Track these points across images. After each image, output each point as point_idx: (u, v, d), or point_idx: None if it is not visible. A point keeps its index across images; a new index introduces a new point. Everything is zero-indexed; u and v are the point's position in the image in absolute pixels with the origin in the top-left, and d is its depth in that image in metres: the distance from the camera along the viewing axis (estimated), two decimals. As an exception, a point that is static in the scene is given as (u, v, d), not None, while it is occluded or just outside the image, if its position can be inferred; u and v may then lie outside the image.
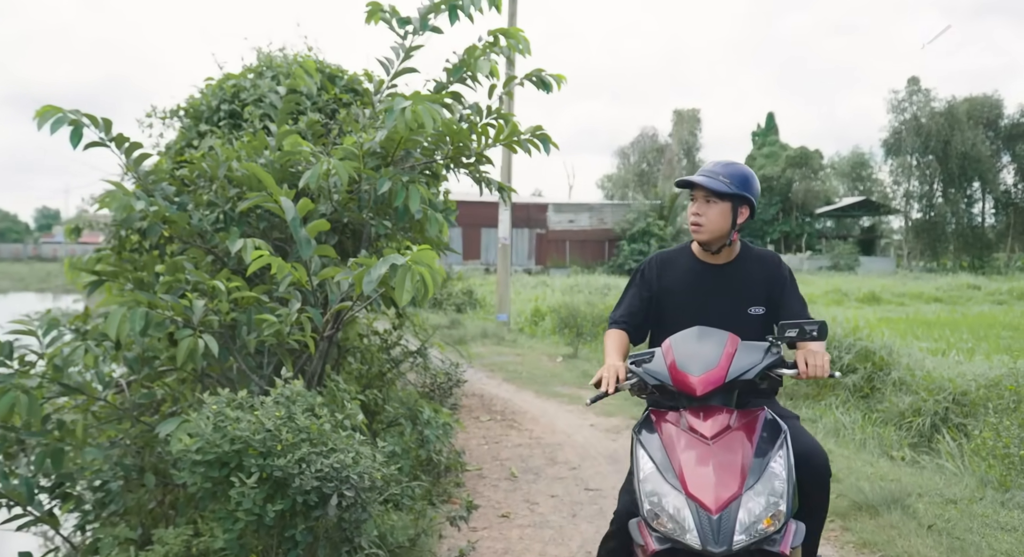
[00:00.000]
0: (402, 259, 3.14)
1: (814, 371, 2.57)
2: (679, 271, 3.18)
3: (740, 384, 2.55)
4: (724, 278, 3.11)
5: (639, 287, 3.23)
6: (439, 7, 4.76)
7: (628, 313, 3.19)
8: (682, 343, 2.66)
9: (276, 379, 3.35)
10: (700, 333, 2.68)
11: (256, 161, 4.28)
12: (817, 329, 2.54)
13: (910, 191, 56.61)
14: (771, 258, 3.19)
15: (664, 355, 2.65)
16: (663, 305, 3.17)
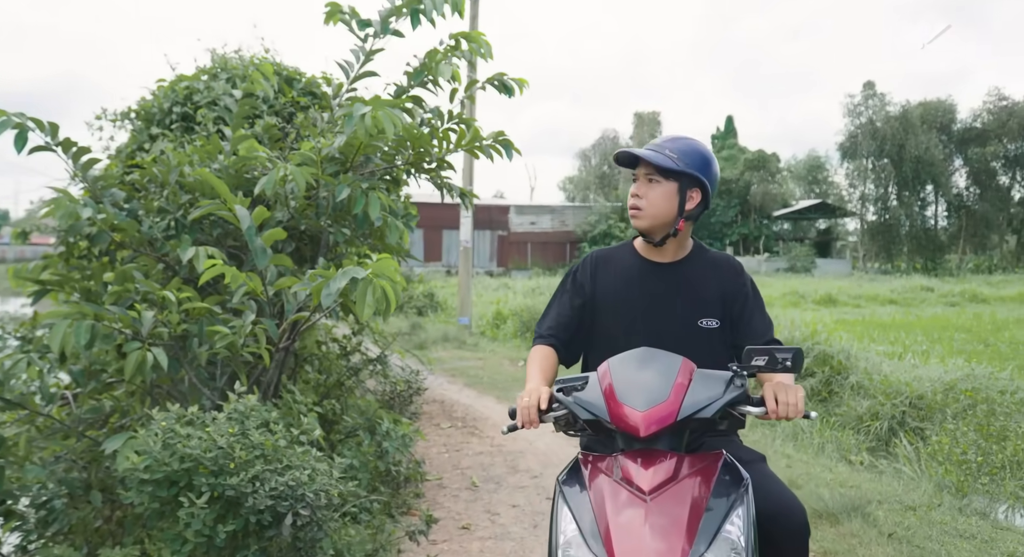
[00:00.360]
0: (363, 272, 3.05)
1: (786, 411, 2.11)
2: (617, 270, 2.66)
3: (694, 423, 2.06)
4: (670, 279, 2.59)
5: (570, 293, 2.69)
6: (400, 10, 4.67)
7: (557, 325, 2.65)
8: (624, 367, 2.14)
9: (229, 393, 3.24)
10: (646, 356, 2.15)
11: (209, 166, 4.16)
12: (791, 358, 2.06)
13: (865, 194, 57.46)
14: (730, 263, 2.67)
15: (600, 382, 2.12)
16: (598, 314, 2.64)
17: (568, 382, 2.20)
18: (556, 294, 2.75)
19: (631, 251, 2.70)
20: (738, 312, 2.56)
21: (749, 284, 2.63)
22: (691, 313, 2.54)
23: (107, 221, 3.63)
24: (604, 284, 2.65)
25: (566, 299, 2.69)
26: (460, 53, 4.79)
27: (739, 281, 2.62)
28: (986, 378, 7.64)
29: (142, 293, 3.57)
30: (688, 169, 2.48)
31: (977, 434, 5.70)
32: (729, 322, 2.57)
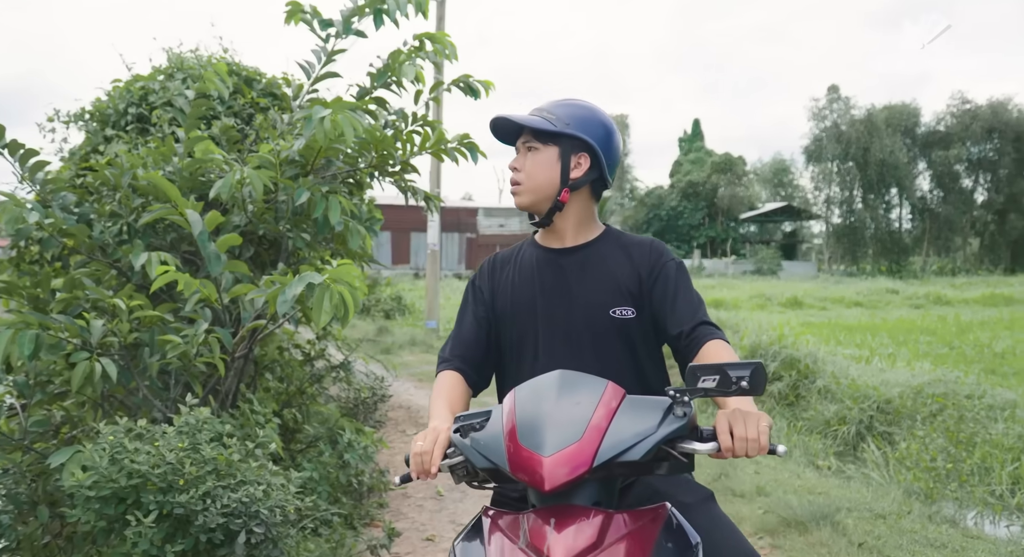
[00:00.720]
0: (320, 277, 2.94)
1: (744, 447, 1.59)
2: (514, 268, 2.29)
3: (621, 469, 1.57)
4: (572, 266, 2.20)
5: (472, 304, 2.32)
6: (363, 10, 4.57)
7: (460, 344, 2.26)
8: (533, 397, 1.65)
9: (181, 405, 3.12)
10: (563, 381, 1.65)
11: (163, 169, 4.03)
12: (749, 377, 1.51)
13: (831, 197, 58.10)
14: (648, 244, 2.24)
15: (503, 418, 1.66)
16: (499, 324, 2.27)
17: (467, 419, 1.73)
18: (459, 310, 2.38)
19: (531, 244, 2.33)
20: (659, 296, 2.13)
21: (673, 263, 2.20)
22: (599, 302, 2.14)
23: (55, 226, 3.49)
24: (502, 286, 2.29)
25: (468, 313, 2.32)
26: (424, 54, 4.69)
27: (659, 260, 2.19)
28: (953, 382, 7.65)
29: (92, 300, 3.43)
30: (570, 130, 2.13)
31: (946, 440, 5.69)
32: (649, 310, 2.15)
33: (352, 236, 4.00)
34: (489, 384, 2.31)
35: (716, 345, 1.99)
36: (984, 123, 53.15)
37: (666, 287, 2.14)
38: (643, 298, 2.15)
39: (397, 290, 21.56)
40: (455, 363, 2.23)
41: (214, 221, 3.24)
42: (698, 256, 52.86)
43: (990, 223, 56.05)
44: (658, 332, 2.16)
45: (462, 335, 2.28)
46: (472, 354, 2.24)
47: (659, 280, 2.15)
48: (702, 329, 2.05)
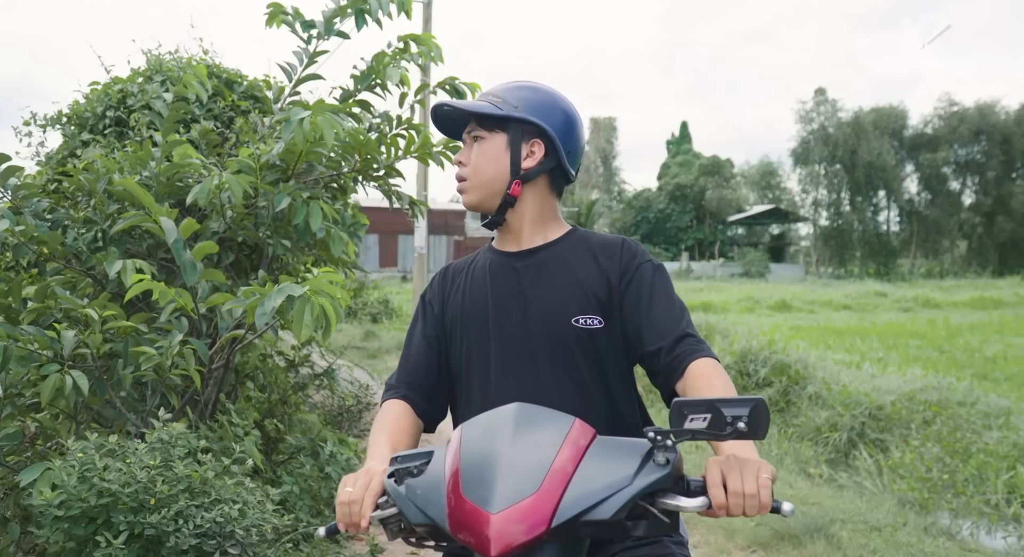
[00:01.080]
0: (300, 289, 2.83)
1: (740, 507, 1.31)
2: (467, 277, 2.00)
3: (588, 528, 1.25)
4: (528, 269, 1.90)
5: (422, 322, 1.99)
6: (345, 11, 4.47)
7: (409, 369, 1.94)
8: (483, 437, 1.35)
9: (153, 420, 3.00)
10: (521, 417, 1.35)
11: (140, 174, 3.92)
12: (747, 416, 1.24)
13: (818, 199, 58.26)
14: (619, 244, 1.93)
15: (446, 462, 1.35)
16: (449, 343, 1.95)
17: (404, 461, 1.42)
18: (408, 330, 2.05)
19: (487, 250, 2.04)
20: (632, 303, 1.82)
21: (649, 267, 1.89)
22: (559, 309, 1.83)
23: (26, 232, 3.37)
24: (452, 297, 1.98)
25: (416, 332, 1.99)
26: (409, 56, 4.60)
27: (631, 262, 1.88)
28: (945, 388, 7.59)
29: (64, 310, 3.31)
30: (519, 113, 1.86)
31: (942, 449, 5.61)
32: (620, 320, 1.84)
33: (334, 242, 3.90)
34: (445, 415, 1.99)
35: (704, 365, 1.70)
36: (971, 125, 53.39)
37: (640, 293, 1.83)
38: (612, 306, 1.84)
39: (384, 294, 21.41)
40: (401, 390, 1.91)
41: (189, 228, 3.13)
42: (686, 259, 52.88)
43: (978, 225, 56.29)
44: (630, 347, 1.84)
45: (410, 358, 1.95)
46: (422, 380, 1.92)
47: (632, 284, 1.84)
48: (686, 344, 1.75)
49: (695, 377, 1.68)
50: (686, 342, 1.75)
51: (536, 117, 1.86)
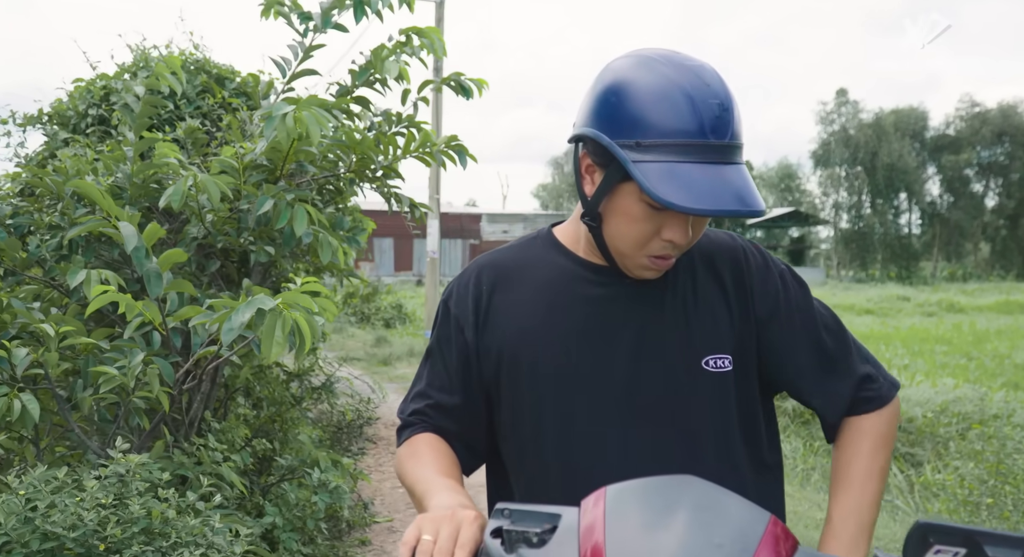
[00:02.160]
0: (271, 302, 2.51)
1: None
2: (522, 286, 1.50)
3: None
4: (636, 290, 1.44)
5: (456, 342, 1.51)
6: (343, 2, 4.15)
7: (438, 402, 1.51)
8: (634, 514, 0.98)
9: (110, 451, 2.67)
10: (692, 499, 0.99)
11: (114, 175, 3.62)
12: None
13: (839, 202, 57.71)
14: (736, 247, 1.50)
15: (582, 538, 0.97)
16: (506, 368, 1.47)
17: (518, 520, 1.03)
18: (429, 347, 1.60)
19: (549, 247, 1.54)
20: (776, 335, 1.45)
21: (789, 276, 1.50)
22: (684, 346, 1.41)
23: (-22, 240, 3.07)
24: (500, 320, 1.49)
25: (446, 354, 1.53)
26: (411, 50, 4.28)
27: (767, 274, 1.48)
28: (980, 399, 7.20)
29: (22, 325, 3.00)
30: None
31: (984, 470, 5.23)
32: (754, 356, 1.45)
33: (323, 248, 3.57)
34: (481, 464, 1.58)
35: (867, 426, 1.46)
36: (994, 127, 52.68)
37: (785, 320, 1.45)
38: (744, 339, 1.44)
39: (398, 298, 21.13)
40: (432, 421, 1.50)
41: (153, 234, 2.81)
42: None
43: (1001, 228, 55.52)
44: (773, 386, 1.50)
45: (435, 381, 1.53)
46: (455, 423, 1.50)
47: (774, 309, 1.45)
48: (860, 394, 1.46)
49: (845, 445, 1.48)
50: (860, 392, 1.47)
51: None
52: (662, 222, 1.31)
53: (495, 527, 1.03)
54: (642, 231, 1.32)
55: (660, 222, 1.31)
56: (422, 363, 1.60)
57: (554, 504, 1.05)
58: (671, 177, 1.22)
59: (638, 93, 1.27)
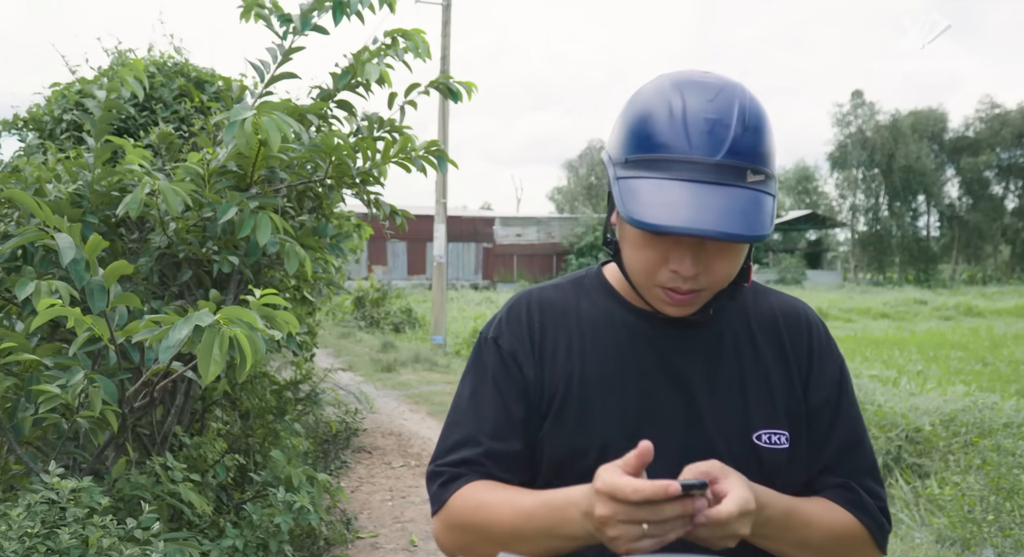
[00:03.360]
0: (210, 318, 2.37)
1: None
2: (580, 335, 1.38)
3: None
4: (695, 353, 1.35)
5: (508, 376, 1.37)
6: (323, 4, 4.02)
7: (489, 440, 1.33)
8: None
9: (43, 475, 2.54)
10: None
11: (77, 183, 3.50)
12: None
13: (856, 204, 57.22)
14: (804, 317, 1.43)
15: None
16: (553, 415, 1.33)
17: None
18: (473, 384, 1.41)
19: (601, 291, 1.44)
20: (825, 422, 1.35)
21: (843, 367, 1.41)
22: (741, 418, 1.31)
23: (-78, 251, 2.94)
24: (559, 357, 1.37)
25: (497, 394, 1.37)
26: (395, 52, 4.15)
27: (829, 359, 1.39)
28: (989, 408, 6.98)
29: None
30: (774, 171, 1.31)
31: (985, 487, 5.03)
32: (805, 436, 1.34)
33: (289, 258, 3.42)
34: None
35: (833, 508, 1.30)
36: (1014, 128, 52.10)
37: (836, 409, 1.36)
38: (801, 416, 1.34)
39: (407, 302, 21.01)
40: (487, 470, 1.33)
41: (96, 246, 2.67)
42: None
43: (1021, 230, 54.90)
44: (809, 463, 1.37)
45: (488, 429, 1.34)
46: (519, 465, 1.34)
47: (822, 393, 1.36)
48: (849, 495, 1.32)
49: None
50: (858, 486, 1.33)
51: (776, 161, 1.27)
52: (666, 250, 1.23)
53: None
54: (647, 259, 1.25)
55: (664, 250, 1.23)
56: (458, 408, 1.41)
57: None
58: (648, 193, 1.16)
59: (637, 112, 1.24)
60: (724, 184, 1.15)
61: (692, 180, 1.15)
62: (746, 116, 1.19)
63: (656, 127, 1.19)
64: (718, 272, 1.24)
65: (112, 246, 3.58)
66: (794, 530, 1.23)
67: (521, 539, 1.22)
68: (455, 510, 1.30)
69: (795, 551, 1.25)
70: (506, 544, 1.23)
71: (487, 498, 1.27)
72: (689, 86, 1.22)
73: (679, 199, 1.13)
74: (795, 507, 1.25)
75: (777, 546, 1.24)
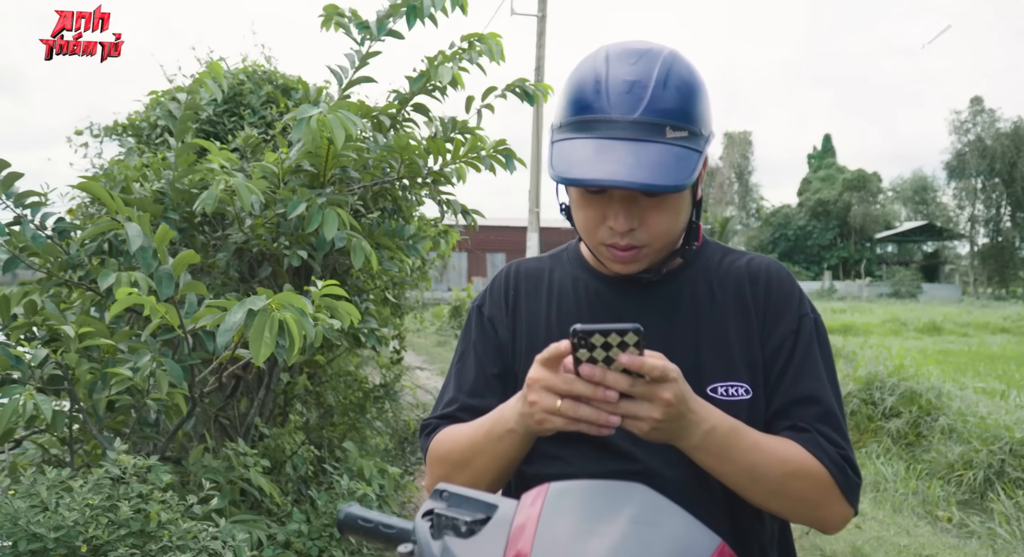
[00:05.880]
0: (262, 301, 2.46)
1: None
2: (549, 296, 1.49)
3: None
4: (652, 309, 1.39)
5: (482, 350, 1.49)
6: (398, 9, 4.13)
7: (466, 397, 1.46)
8: (571, 516, 0.89)
9: (109, 451, 2.67)
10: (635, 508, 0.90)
11: (160, 181, 3.68)
12: None
13: (975, 215, 54.89)
14: (771, 274, 1.42)
15: (512, 533, 0.89)
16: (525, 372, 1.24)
17: (453, 505, 0.96)
18: (458, 348, 1.56)
19: (572, 261, 1.53)
20: (776, 370, 1.35)
21: (810, 317, 1.39)
22: (693, 372, 1.25)
23: (12, 243, 3.14)
24: (528, 324, 1.47)
25: (473, 356, 1.50)
26: (470, 55, 4.23)
27: (786, 307, 1.38)
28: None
29: (49, 327, 3.05)
30: (708, 131, 1.34)
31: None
32: (767, 385, 1.35)
33: (355, 253, 3.52)
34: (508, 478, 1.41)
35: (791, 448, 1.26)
36: None
37: (792, 354, 1.35)
38: (764, 369, 1.36)
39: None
40: (462, 419, 1.42)
41: (165, 236, 2.81)
42: (829, 278, 50.54)
43: None
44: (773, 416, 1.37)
45: (466, 388, 1.47)
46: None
47: (784, 348, 1.36)
48: (801, 435, 1.30)
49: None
50: (812, 429, 1.30)
51: (710, 119, 1.32)
52: (603, 207, 1.30)
53: (429, 508, 0.97)
54: (587, 217, 1.33)
55: (602, 208, 1.30)
56: (450, 371, 1.56)
57: None
58: (569, 151, 1.24)
59: (570, 80, 1.32)
60: (643, 140, 1.20)
61: (611, 137, 1.21)
62: (668, 77, 1.24)
63: (583, 92, 1.26)
64: (654, 227, 1.29)
65: (192, 242, 3.75)
66: (741, 452, 1.21)
67: (476, 452, 1.32)
68: (432, 451, 1.44)
69: (744, 480, 1.22)
70: (466, 463, 1.32)
71: (453, 431, 1.40)
72: (616, 53, 1.28)
73: (594, 154, 1.20)
74: (742, 429, 1.23)
75: (723, 469, 1.22)
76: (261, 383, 4.14)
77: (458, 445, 1.36)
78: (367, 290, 4.87)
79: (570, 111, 1.27)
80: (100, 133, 5.07)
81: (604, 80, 1.24)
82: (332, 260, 4.09)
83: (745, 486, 1.23)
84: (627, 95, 1.22)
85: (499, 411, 1.29)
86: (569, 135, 1.26)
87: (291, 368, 4.58)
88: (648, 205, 1.28)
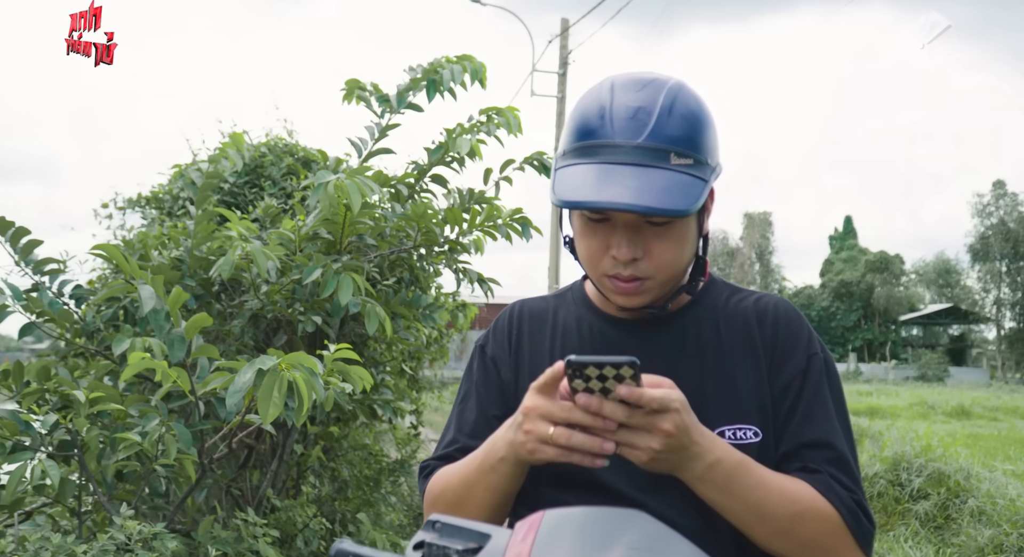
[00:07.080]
0: (271, 361, 2.44)
1: None
2: (553, 336, 1.46)
3: None
4: (658, 349, 1.36)
5: (484, 392, 1.47)
6: (419, 83, 4.21)
7: (466, 438, 1.42)
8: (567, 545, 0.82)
9: (115, 517, 2.62)
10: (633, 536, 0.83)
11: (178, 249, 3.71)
12: None
13: (1000, 298, 54.34)
14: (779, 314, 1.38)
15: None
16: None
17: (444, 535, 0.88)
18: (460, 389, 1.53)
19: (577, 301, 1.49)
20: (784, 410, 1.30)
21: (819, 357, 1.35)
22: (702, 416, 1.19)
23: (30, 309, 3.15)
24: (530, 363, 1.44)
25: (474, 398, 1.46)
26: (487, 127, 4.29)
27: (794, 346, 1.35)
28: None
29: (60, 393, 3.04)
30: (715, 161, 1.32)
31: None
32: (774, 420, 1.31)
33: (369, 319, 3.51)
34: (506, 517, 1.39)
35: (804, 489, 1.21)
36: None
37: (801, 394, 1.31)
38: (771, 410, 1.32)
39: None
40: (459, 460, 1.37)
41: (178, 299, 2.81)
42: (854, 360, 49.97)
43: None
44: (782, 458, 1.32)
45: (467, 430, 1.44)
46: None
47: (794, 383, 1.32)
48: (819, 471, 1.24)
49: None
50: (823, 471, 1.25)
51: (717, 151, 1.30)
52: (607, 236, 1.28)
53: (420, 539, 0.91)
54: (590, 247, 1.31)
55: (605, 236, 1.28)
56: (452, 412, 1.53)
57: None
58: (572, 176, 1.24)
59: (576, 109, 1.32)
60: (646, 165, 1.19)
61: (614, 162, 1.20)
62: (674, 104, 1.23)
63: (587, 119, 1.27)
64: (659, 258, 1.27)
65: (208, 308, 3.75)
66: (747, 488, 1.17)
67: (469, 487, 1.29)
68: (428, 492, 1.41)
69: (750, 517, 1.18)
70: (461, 501, 1.29)
71: (448, 470, 1.37)
72: (622, 82, 1.29)
73: (596, 178, 1.20)
74: (750, 464, 1.20)
75: (728, 504, 1.17)
76: (274, 455, 4.09)
77: (452, 483, 1.33)
78: (384, 362, 4.85)
79: (574, 137, 1.28)
80: (124, 205, 5.15)
81: (608, 107, 1.24)
82: (348, 329, 4.07)
83: (751, 523, 1.18)
84: (631, 120, 1.22)
85: (490, 441, 1.26)
86: (572, 161, 1.26)
87: (305, 439, 4.53)
88: (652, 234, 1.26)
